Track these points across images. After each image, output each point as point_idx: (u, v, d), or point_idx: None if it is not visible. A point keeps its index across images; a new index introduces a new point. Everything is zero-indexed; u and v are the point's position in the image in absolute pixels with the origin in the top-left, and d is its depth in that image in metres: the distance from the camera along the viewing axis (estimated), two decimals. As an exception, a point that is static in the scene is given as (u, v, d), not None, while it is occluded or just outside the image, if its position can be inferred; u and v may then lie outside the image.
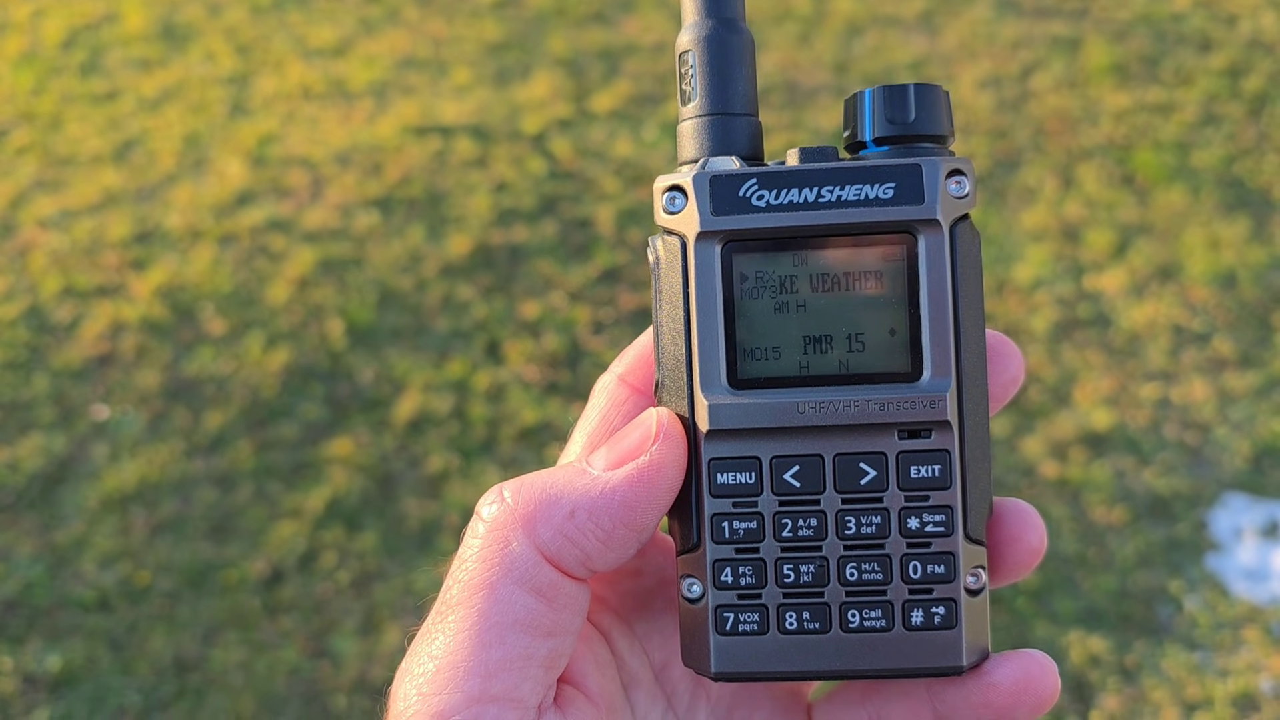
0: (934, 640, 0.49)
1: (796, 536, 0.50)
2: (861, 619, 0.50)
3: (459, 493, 2.36)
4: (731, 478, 0.50)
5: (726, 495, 0.51)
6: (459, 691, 0.46)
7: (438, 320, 2.74)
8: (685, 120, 0.53)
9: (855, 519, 0.50)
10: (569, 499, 0.48)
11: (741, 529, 0.50)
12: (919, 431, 0.49)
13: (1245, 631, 2.12)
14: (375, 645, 2.11)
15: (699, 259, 0.51)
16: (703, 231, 0.51)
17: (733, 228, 0.50)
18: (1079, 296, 2.81)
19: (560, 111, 3.42)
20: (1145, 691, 2.03)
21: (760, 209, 0.50)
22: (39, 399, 2.57)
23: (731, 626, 0.51)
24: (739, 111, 0.52)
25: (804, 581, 0.50)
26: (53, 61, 3.75)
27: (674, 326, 0.52)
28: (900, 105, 0.50)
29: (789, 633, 0.50)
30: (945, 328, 0.49)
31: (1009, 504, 0.53)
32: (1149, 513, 2.33)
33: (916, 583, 0.49)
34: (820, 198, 0.49)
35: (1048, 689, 0.49)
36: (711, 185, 0.51)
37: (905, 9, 3.86)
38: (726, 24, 0.52)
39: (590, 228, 3.01)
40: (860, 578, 0.50)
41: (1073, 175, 3.17)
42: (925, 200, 0.49)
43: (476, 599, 0.47)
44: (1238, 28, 3.74)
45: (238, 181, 3.16)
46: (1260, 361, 2.64)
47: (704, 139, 0.52)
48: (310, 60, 3.71)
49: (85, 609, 2.18)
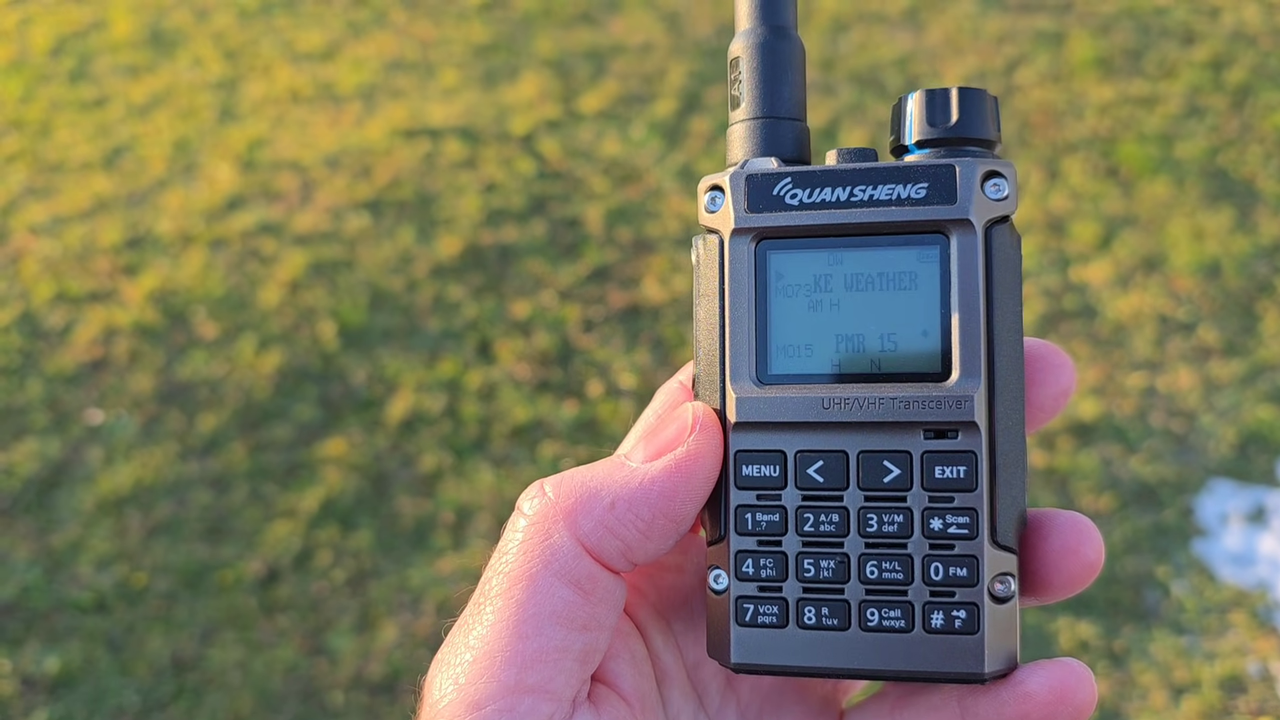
0: (955, 645, 0.49)
1: (818, 531, 0.50)
2: (881, 618, 0.49)
3: (452, 491, 2.38)
4: (756, 470, 0.51)
5: (751, 488, 0.51)
6: (494, 681, 0.46)
7: (429, 320, 2.76)
8: (734, 124, 0.54)
9: (878, 517, 0.50)
10: (609, 491, 0.49)
11: (764, 521, 0.51)
12: (945, 432, 0.49)
13: (1232, 615, 2.14)
14: (371, 642, 2.13)
15: (733, 254, 0.52)
16: (737, 228, 0.52)
17: (766, 224, 0.51)
18: (1065, 288, 2.83)
19: (548, 112, 3.44)
20: (1134, 675, 2.05)
21: (794, 207, 0.51)
22: (33, 404, 2.58)
23: (751, 618, 0.51)
24: (784, 115, 0.53)
25: (824, 577, 0.50)
26: (41, 69, 3.76)
27: (710, 321, 0.52)
28: (942, 108, 0.51)
29: (808, 627, 0.50)
30: (976, 329, 0.49)
31: (1062, 515, 0.51)
32: (1136, 500, 2.36)
33: (938, 585, 0.49)
34: (853, 197, 0.50)
35: (1085, 698, 0.48)
36: (747, 184, 0.51)
37: (890, 6, 3.89)
38: (777, 31, 0.53)
39: (579, 227, 3.02)
40: (881, 576, 0.50)
41: (1058, 168, 3.20)
42: (958, 200, 0.49)
43: (515, 590, 0.48)
44: (1220, 20, 3.77)
45: (228, 186, 3.17)
46: (1245, 350, 2.67)
47: (748, 142, 0.53)
48: (298, 64, 3.72)
49: (82, 611, 2.19)
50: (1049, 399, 0.52)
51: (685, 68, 3.63)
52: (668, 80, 3.59)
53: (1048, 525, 0.51)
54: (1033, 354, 0.53)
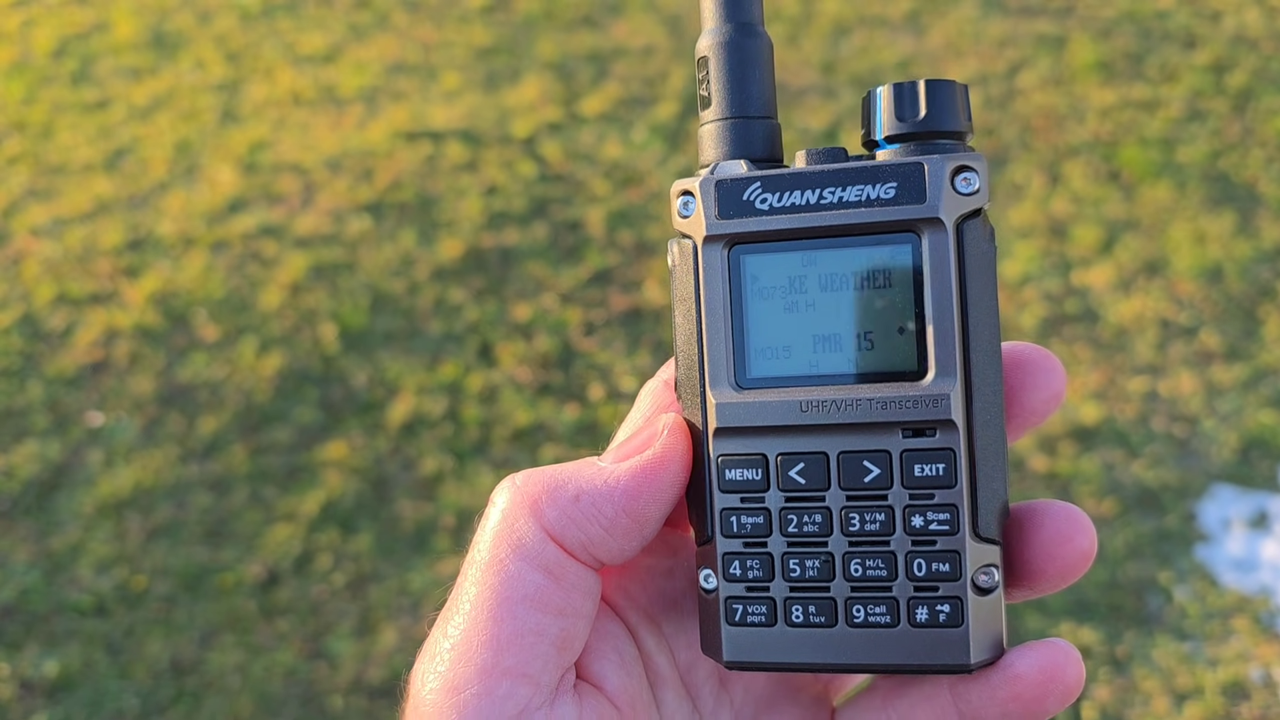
0: (940, 637, 0.50)
1: (802, 532, 0.51)
2: (866, 614, 0.50)
3: (453, 494, 2.38)
4: (739, 474, 0.51)
5: (735, 491, 0.52)
6: (471, 665, 0.47)
7: (430, 323, 2.75)
8: (704, 125, 0.53)
9: (860, 516, 0.50)
10: (574, 485, 0.50)
11: (749, 524, 0.51)
12: (923, 430, 0.49)
13: (1234, 621, 2.14)
14: (371, 646, 2.12)
15: (706, 261, 0.52)
16: (709, 235, 0.52)
17: (737, 230, 0.51)
18: (1067, 292, 2.83)
19: (550, 115, 3.44)
20: (1136, 682, 2.04)
21: (764, 212, 0.51)
22: (33, 406, 2.57)
23: (741, 617, 0.52)
24: (755, 115, 0.52)
25: (810, 576, 0.51)
26: (44, 71, 3.76)
27: (687, 326, 0.53)
28: (910, 102, 0.50)
29: (795, 625, 0.51)
30: (949, 327, 0.49)
31: (1054, 505, 0.51)
32: (1138, 505, 2.35)
33: (921, 580, 0.50)
34: (822, 200, 0.50)
35: (1074, 676, 0.49)
36: (717, 190, 0.51)
37: (892, 9, 3.88)
38: (743, 29, 0.52)
39: (581, 230, 3.02)
40: (865, 574, 0.50)
41: (1059, 172, 3.20)
42: (927, 199, 0.49)
43: (488, 577, 0.49)
44: (1221, 24, 3.77)
45: (229, 188, 3.17)
46: (1247, 354, 2.66)
47: (719, 143, 0.53)
48: (300, 66, 3.72)
49: (82, 614, 2.18)
50: (1039, 403, 0.52)
51: (687, 70, 3.63)
52: (669, 83, 3.59)
53: (1040, 515, 0.51)
54: (1022, 359, 0.52)
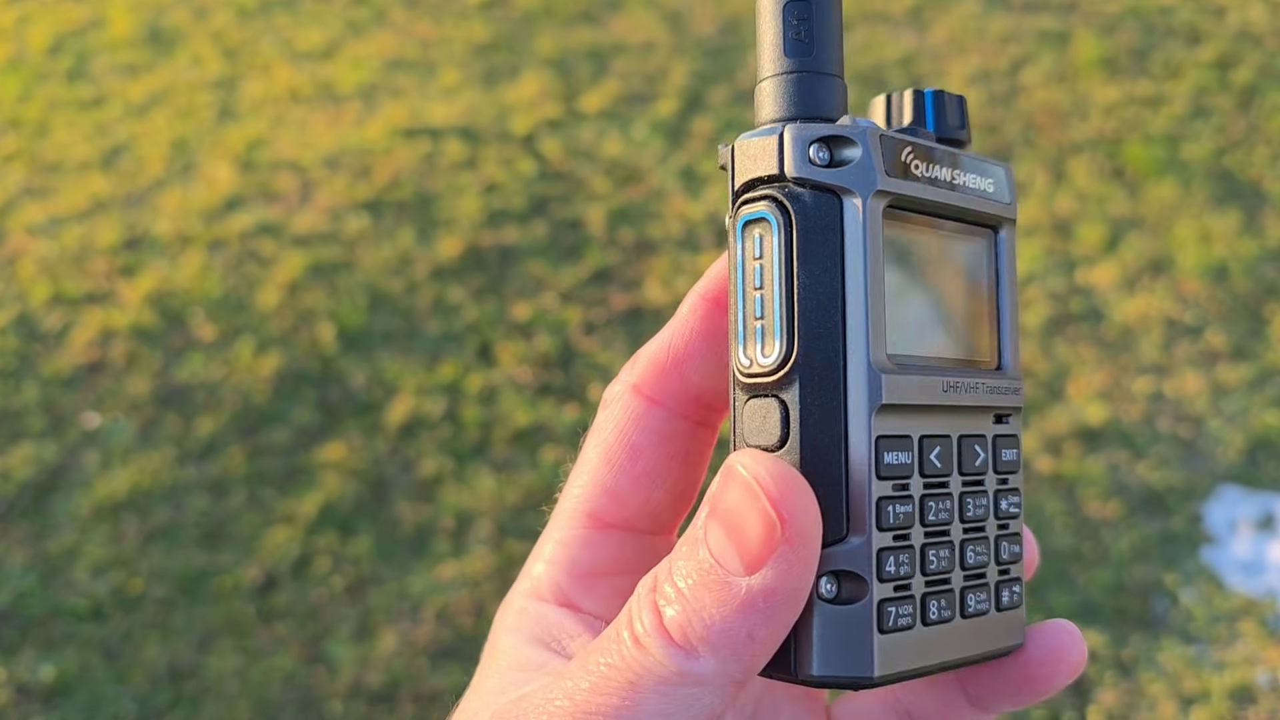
0: (1010, 620, 0.50)
1: (937, 520, 0.48)
2: (975, 603, 0.49)
3: (452, 496, 2.36)
4: (895, 458, 0.46)
5: (891, 477, 0.46)
6: None
7: (429, 323, 2.73)
8: (798, 74, 0.47)
9: (973, 501, 0.49)
10: None
11: (901, 513, 0.46)
12: (1004, 416, 0.51)
13: (1241, 624, 2.12)
14: (370, 650, 2.10)
15: (866, 219, 0.45)
16: (880, 189, 0.46)
17: (900, 192, 0.47)
18: (1071, 291, 2.81)
19: (549, 112, 3.41)
20: (1142, 685, 2.03)
21: (918, 179, 0.47)
22: (29, 407, 2.55)
23: (893, 622, 0.46)
24: (839, 73, 0.48)
25: (940, 568, 0.47)
26: (39, 68, 3.74)
27: (818, 290, 0.45)
28: (954, 111, 0.52)
29: (931, 623, 0.47)
30: (1015, 319, 0.52)
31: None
32: (1143, 506, 2.33)
33: (1005, 563, 0.50)
34: (954, 180, 0.49)
35: (1080, 654, 0.50)
36: (882, 143, 0.46)
37: (894, 5, 3.86)
38: None
39: (581, 228, 3.00)
40: (975, 560, 0.49)
41: (1063, 169, 3.17)
42: (1009, 199, 0.52)
43: None
44: (1226, 20, 3.74)
45: (226, 186, 3.15)
46: (1253, 354, 2.64)
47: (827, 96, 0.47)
48: (298, 63, 3.69)
49: (78, 618, 2.16)
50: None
51: (687, 67, 3.60)
52: (670, 80, 3.56)
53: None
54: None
